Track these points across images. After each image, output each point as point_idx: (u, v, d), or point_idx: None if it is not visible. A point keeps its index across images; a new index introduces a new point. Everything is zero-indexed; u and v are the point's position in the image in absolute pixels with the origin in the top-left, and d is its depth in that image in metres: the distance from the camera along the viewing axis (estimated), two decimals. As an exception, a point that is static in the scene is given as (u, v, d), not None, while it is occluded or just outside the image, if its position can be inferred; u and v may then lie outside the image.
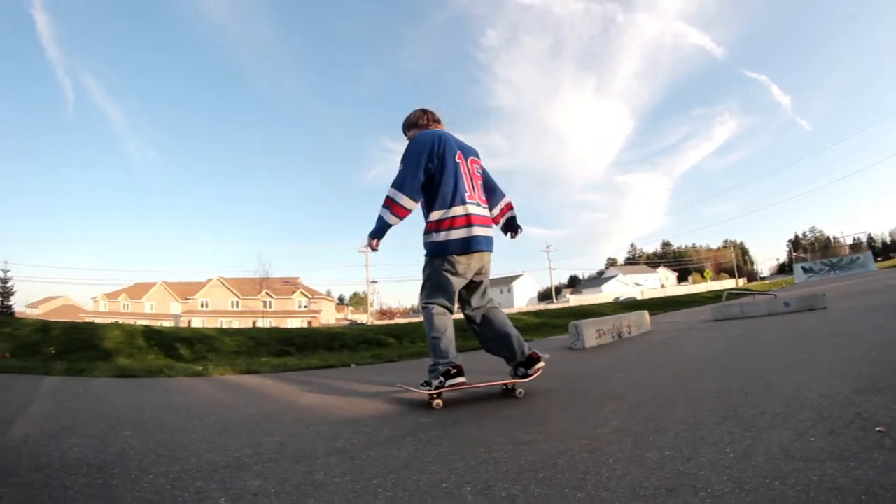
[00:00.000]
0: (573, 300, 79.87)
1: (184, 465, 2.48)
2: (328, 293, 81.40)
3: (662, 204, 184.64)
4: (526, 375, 3.99)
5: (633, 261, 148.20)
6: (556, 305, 59.98)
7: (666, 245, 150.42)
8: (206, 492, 2.12)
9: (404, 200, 3.90)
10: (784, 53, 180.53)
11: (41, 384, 5.33)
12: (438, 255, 3.94)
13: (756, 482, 1.80)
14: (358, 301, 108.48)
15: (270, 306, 70.34)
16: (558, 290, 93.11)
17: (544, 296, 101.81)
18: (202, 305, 70.99)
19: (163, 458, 2.61)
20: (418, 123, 4.31)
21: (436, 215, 3.94)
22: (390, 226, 3.95)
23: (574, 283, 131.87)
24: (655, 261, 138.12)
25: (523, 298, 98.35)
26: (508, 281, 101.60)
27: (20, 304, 53.52)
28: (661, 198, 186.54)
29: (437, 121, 4.35)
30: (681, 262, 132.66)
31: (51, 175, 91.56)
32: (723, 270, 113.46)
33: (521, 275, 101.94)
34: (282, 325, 62.15)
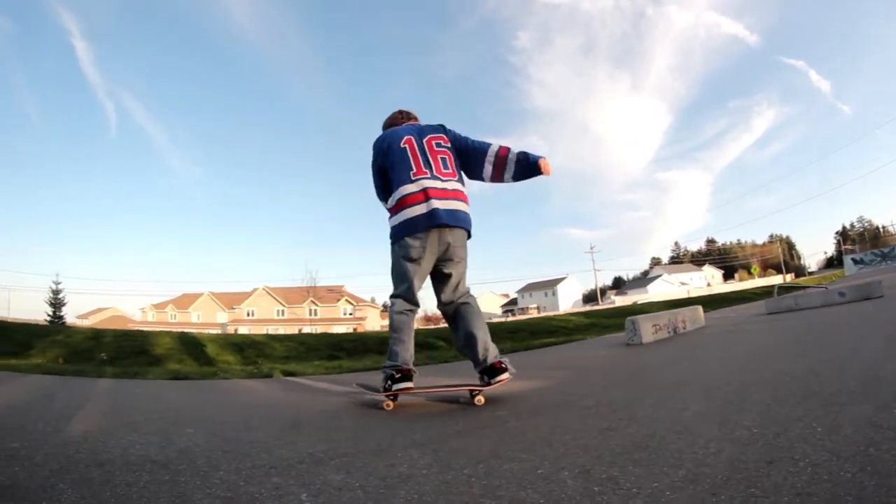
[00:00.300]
0: (618, 301, 78.43)
1: (255, 462, 2.27)
2: (372, 300, 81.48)
3: (704, 200, 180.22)
4: (488, 384, 3.60)
5: (677, 259, 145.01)
6: (601, 307, 59.04)
7: (710, 242, 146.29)
8: (284, 487, 1.90)
9: (384, 205, 3.96)
10: (819, 36, 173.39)
11: (96, 385, 5.25)
12: (394, 243, 3.76)
13: (851, 451, 1.76)
14: None
15: (316, 314, 70.93)
16: (602, 291, 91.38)
17: (589, 298, 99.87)
18: (248, 314, 71.94)
19: (231, 455, 2.40)
20: (388, 124, 4.20)
21: (390, 203, 3.80)
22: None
23: (618, 285, 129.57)
24: (700, 259, 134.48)
25: (568, 301, 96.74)
26: (553, 284, 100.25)
27: (71, 315, 55.03)
28: (702, 194, 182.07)
29: (409, 117, 4.21)
30: (726, 260, 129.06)
31: (98, 191, 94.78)
32: (769, 266, 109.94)
33: (566, 277, 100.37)
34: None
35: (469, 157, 3.94)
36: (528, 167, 3.89)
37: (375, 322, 73.99)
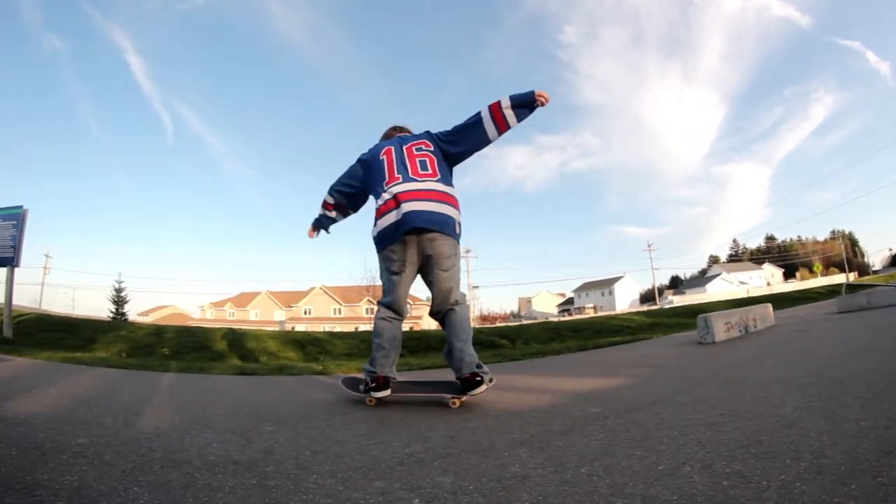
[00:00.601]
0: (676, 301, 76.24)
1: (350, 463, 2.02)
2: (428, 299, 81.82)
3: (763, 194, 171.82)
4: (464, 394, 3.36)
5: (735, 258, 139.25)
6: (659, 306, 57.51)
7: (770, 239, 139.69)
8: (390, 492, 1.67)
9: (326, 197, 4.23)
10: (873, 13, 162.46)
11: (162, 379, 5.12)
12: (378, 253, 3.71)
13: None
14: None
15: (373, 312, 71.37)
16: (660, 291, 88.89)
17: (646, 297, 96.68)
18: (305, 313, 72.83)
19: (320, 456, 2.16)
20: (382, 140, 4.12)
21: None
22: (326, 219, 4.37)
23: (676, 284, 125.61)
24: (759, 257, 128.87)
25: (625, 301, 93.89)
26: (609, 283, 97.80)
27: (132, 313, 56.73)
28: (760, 188, 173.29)
29: (401, 130, 4.14)
30: (785, 257, 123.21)
31: (158, 195, 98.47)
32: (831, 264, 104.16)
33: (623, 276, 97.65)
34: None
35: (470, 132, 3.74)
36: (526, 105, 3.70)
37: (431, 321, 73.91)
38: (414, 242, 3.46)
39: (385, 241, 3.52)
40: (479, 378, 3.29)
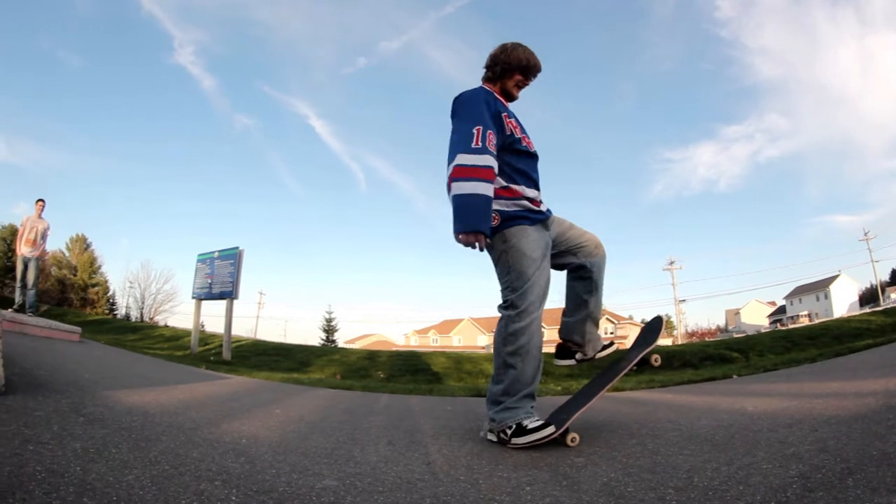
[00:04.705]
0: (905, 298, 63.25)
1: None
2: (630, 317, 78.38)
3: None
4: None
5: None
6: (883, 307, 48.20)
7: None
8: None
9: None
10: None
11: (395, 401, 4.50)
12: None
13: None
14: None
15: (584, 332, 69.96)
16: (882, 288, 74.50)
17: (867, 298, 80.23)
18: (511, 337, 73.07)
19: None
20: None
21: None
22: None
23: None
24: None
25: (843, 303, 77.55)
26: (824, 285, 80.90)
27: (340, 341, 60.85)
28: None
29: None
30: None
31: (359, 238, 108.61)
32: None
33: (838, 275, 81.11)
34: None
35: None
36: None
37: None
38: None
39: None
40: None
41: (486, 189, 2.55)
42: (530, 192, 2.81)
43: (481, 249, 2.64)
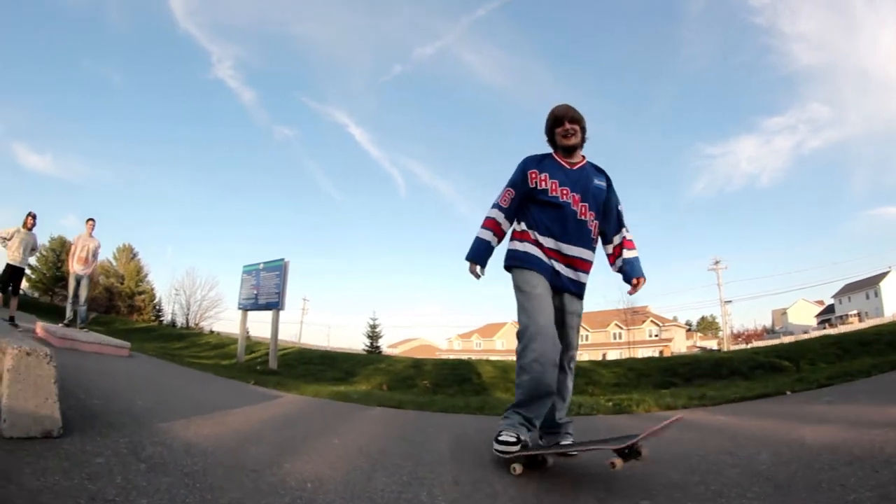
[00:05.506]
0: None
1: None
2: (675, 319, 76.94)
3: None
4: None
5: None
6: None
7: None
8: None
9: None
10: None
11: (450, 422, 4.41)
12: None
13: None
14: (706, 325, 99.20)
15: (620, 337, 68.70)
16: None
17: None
18: (553, 342, 72.69)
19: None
20: None
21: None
22: None
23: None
24: None
25: (894, 302, 72.26)
26: (873, 282, 74.55)
27: (383, 346, 61.43)
28: None
29: None
30: None
31: (402, 244, 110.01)
32: None
33: (888, 272, 75.25)
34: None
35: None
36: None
37: (681, 343, 68.74)
38: None
39: None
40: None
41: (484, 234, 3.44)
42: (544, 240, 3.24)
43: (476, 277, 3.45)
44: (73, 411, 2.99)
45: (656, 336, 67.61)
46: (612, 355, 64.21)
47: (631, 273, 3.34)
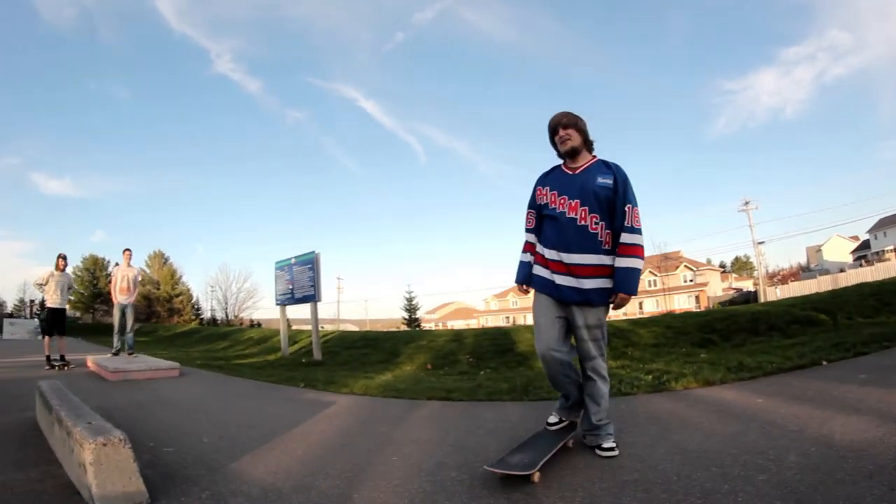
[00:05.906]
0: None
1: None
2: (708, 261, 76.08)
3: None
4: None
5: None
6: None
7: None
8: None
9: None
10: None
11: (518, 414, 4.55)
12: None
13: None
14: (741, 266, 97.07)
15: (655, 284, 68.23)
16: None
17: None
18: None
19: None
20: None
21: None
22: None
23: None
24: None
25: None
26: None
27: (420, 312, 62.21)
28: None
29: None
30: None
31: (429, 209, 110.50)
32: None
33: None
34: (668, 305, 60.19)
35: None
36: None
37: (717, 286, 68.13)
38: None
39: None
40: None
41: (524, 257, 3.82)
42: (548, 252, 3.52)
43: (525, 293, 3.93)
44: (150, 469, 3.22)
45: (691, 281, 67.14)
46: (648, 304, 64.04)
47: (613, 286, 3.36)
